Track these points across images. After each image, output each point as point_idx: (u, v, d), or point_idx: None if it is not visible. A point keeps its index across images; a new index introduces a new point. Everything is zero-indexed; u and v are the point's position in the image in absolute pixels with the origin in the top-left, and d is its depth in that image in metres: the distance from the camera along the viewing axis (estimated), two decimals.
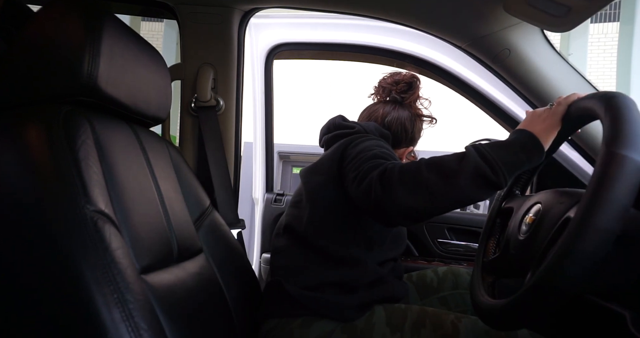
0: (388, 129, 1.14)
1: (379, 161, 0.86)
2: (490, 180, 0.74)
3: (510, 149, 0.76)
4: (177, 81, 1.31)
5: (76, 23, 0.68)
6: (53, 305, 0.55)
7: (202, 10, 1.27)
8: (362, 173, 0.85)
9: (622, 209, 0.54)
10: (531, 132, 0.78)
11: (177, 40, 1.46)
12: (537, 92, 1.18)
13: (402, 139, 1.16)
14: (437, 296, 1.16)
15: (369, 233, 0.99)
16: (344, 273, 0.95)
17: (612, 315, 0.64)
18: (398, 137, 1.15)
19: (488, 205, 2.03)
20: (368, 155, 0.90)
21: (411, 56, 1.47)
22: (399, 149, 1.19)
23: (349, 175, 0.90)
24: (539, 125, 0.78)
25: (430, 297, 1.16)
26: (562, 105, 0.78)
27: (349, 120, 1.13)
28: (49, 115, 0.63)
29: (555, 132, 0.79)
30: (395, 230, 1.07)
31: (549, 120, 0.78)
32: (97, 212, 0.59)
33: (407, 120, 1.15)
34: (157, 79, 0.88)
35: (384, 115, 1.15)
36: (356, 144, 0.98)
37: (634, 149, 0.55)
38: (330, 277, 0.95)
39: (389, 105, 1.17)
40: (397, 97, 1.18)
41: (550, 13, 0.92)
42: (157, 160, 0.87)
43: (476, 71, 1.42)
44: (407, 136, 1.16)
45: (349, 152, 0.97)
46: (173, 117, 1.28)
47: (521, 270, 0.77)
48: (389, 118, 1.15)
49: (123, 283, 0.58)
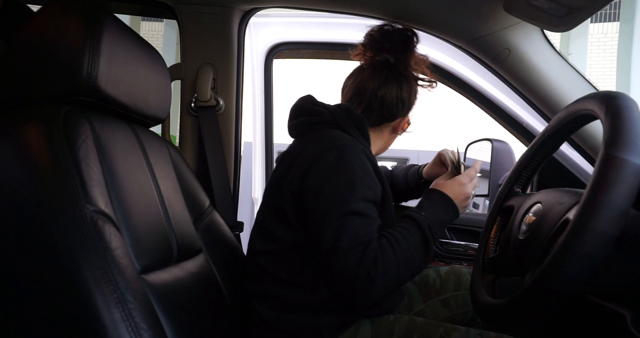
0: (381, 104, 0.98)
1: (359, 241, 0.80)
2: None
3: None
4: (177, 81, 1.31)
5: (76, 23, 0.68)
6: (53, 304, 0.55)
7: (202, 10, 1.27)
8: (342, 252, 0.79)
9: (620, 213, 0.54)
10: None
11: (177, 40, 1.46)
12: (537, 92, 1.18)
13: (398, 110, 1.01)
14: (440, 298, 1.12)
15: None
16: (318, 296, 0.86)
17: (612, 315, 0.64)
18: (393, 110, 1.00)
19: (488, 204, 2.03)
20: (343, 222, 0.80)
21: None
22: (393, 122, 1.03)
23: (323, 235, 0.81)
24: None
25: (433, 299, 1.13)
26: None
27: (318, 103, 0.97)
28: (48, 115, 0.63)
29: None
30: None
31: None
32: (96, 211, 0.59)
33: (404, 88, 0.99)
34: (157, 79, 0.88)
35: (374, 88, 0.97)
36: (323, 177, 0.84)
37: (633, 152, 0.55)
38: (305, 300, 0.86)
39: (379, 73, 0.99)
40: (390, 58, 1.00)
41: (550, 13, 0.92)
42: (156, 160, 0.87)
43: (476, 70, 1.41)
44: (404, 107, 1.01)
45: (314, 188, 0.84)
46: (173, 117, 1.27)
47: (521, 269, 0.77)
48: (381, 91, 0.97)
49: (123, 283, 0.58)
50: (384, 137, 1.07)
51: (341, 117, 0.93)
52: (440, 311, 1.09)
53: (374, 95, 0.98)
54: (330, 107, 0.95)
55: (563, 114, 0.79)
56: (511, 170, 0.93)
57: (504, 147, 1.59)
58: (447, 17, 1.14)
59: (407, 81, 1.00)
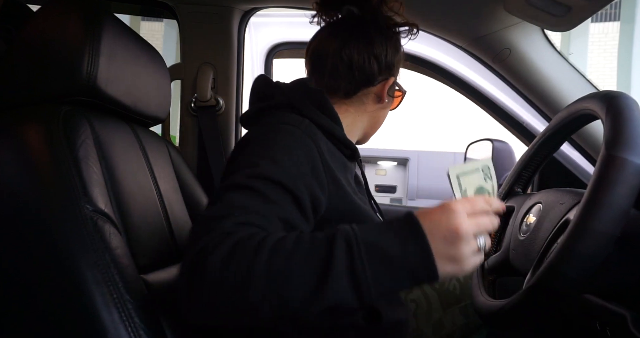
0: (349, 66, 0.77)
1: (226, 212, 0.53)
2: None
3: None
4: (177, 81, 1.31)
5: (76, 23, 0.68)
6: (52, 304, 0.55)
7: (202, 10, 1.27)
8: (201, 219, 0.53)
9: (621, 213, 0.53)
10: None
11: (177, 40, 1.46)
12: (537, 92, 1.17)
13: (374, 71, 0.78)
14: (459, 306, 1.05)
15: None
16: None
17: (613, 315, 0.63)
18: (366, 71, 0.78)
19: None
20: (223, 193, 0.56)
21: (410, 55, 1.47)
22: (373, 88, 0.80)
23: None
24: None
25: (452, 307, 1.07)
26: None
27: (272, 83, 0.78)
28: (48, 115, 0.63)
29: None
30: None
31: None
32: (96, 211, 0.59)
33: (376, 42, 0.78)
34: (157, 79, 0.88)
35: (337, 48, 0.77)
36: (233, 155, 0.67)
37: (634, 151, 0.55)
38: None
39: (342, 31, 0.79)
40: (353, 8, 0.79)
41: (550, 12, 0.92)
42: (156, 159, 0.87)
43: (475, 69, 1.41)
44: (381, 65, 0.78)
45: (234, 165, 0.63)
46: (173, 117, 1.27)
47: (521, 269, 0.77)
48: (347, 50, 0.76)
49: (122, 282, 0.58)
50: (368, 110, 0.82)
51: (296, 96, 0.73)
52: (457, 319, 1.04)
53: (338, 56, 0.77)
54: (284, 86, 0.77)
55: (563, 113, 0.79)
56: (511, 170, 0.93)
57: (504, 147, 1.59)
58: (447, 17, 1.14)
59: (380, 32, 0.79)
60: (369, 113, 0.83)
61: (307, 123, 0.68)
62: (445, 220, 0.50)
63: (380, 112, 0.85)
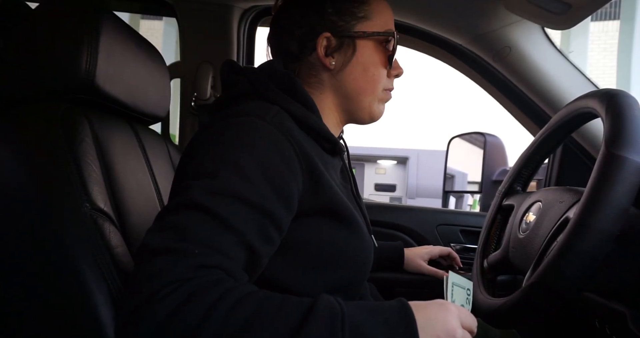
0: (309, 35, 0.67)
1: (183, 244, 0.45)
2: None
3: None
4: (177, 79, 1.31)
5: (74, 20, 0.68)
6: (53, 302, 0.56)
7: (201, 8, 1.26)
8: (145, 250, 0.46)
9: (620, 211, 0.53)
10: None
11: (177, 38, 1.46)
12: (537, 90, 1.17)
13: (299, 35, 0.67)
14: None
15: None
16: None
17: (612, 313, 0.63)
18: (295, 39, 0.68)
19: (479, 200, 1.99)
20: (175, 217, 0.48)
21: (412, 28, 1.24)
22: (314, 52, 0.68)
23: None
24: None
25: None
26: None
27: (237, 69, 0.68)
28: (47, 113, 0.63)
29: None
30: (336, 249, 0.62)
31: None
32: (96, 210, 0.59)
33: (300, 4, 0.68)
34: (156, 77, 0.88)
35: (296, 21, 0.68)
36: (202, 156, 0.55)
37: (634, 150, 0.55)
38: None
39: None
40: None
41: (551, 10, 0.92)
42: (156, 158, 0.87)
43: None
44: (351, 16, 0.67)
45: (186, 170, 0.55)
46: (173, 115, 1.27)
47: (521, 268, 0.77)
48: (304, 19, 0.67)
49: (122, 281, 0.58)
50: (326, 85, 0.70)
51: (261, 81, 0.64)
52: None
53: (298, 28, 0.68)
54: (249, 72, 0.66)
55: (563, 112, 0.79)
56: (511, 169, 0.93)
57: (495, 141, 1.58)
58: (447, 15, 1.14)
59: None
60: (328, 87, 0.70)
61: (275, 110, 0.59)
62: (442, 319, 0.48)
63: (369, 71, 0.69)
